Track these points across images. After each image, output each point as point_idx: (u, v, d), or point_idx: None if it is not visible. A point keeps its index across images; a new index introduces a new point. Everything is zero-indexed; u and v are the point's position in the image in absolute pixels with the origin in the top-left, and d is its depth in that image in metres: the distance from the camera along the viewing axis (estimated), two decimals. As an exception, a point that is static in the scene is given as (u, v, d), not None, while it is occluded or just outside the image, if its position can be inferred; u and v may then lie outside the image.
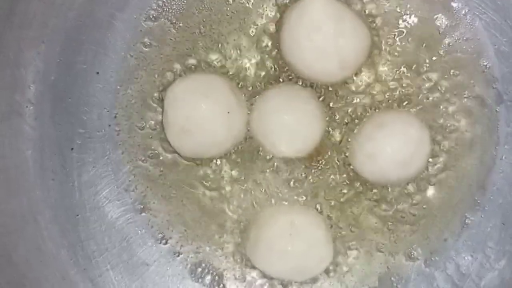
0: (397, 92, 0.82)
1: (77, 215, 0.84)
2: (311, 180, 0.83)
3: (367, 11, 0.82)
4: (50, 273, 0.81)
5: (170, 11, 0.83)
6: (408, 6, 0.82)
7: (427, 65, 0.82)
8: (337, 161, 0.83)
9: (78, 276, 0.83)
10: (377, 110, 0.82)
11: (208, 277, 0.86)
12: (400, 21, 0.82)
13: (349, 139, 0.82)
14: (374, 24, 0.82)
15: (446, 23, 0.82)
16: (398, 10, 0.82)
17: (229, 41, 0.83)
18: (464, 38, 0.82)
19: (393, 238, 0.84)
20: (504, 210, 0.83)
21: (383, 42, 0.82)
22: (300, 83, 0.82)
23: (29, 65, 0.80)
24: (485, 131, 0.83)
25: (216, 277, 0.85)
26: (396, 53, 0.82)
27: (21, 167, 0.81)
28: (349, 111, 0.82)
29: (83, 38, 0.82)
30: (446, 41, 0.82)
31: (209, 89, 0.80)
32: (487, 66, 0.82)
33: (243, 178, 0.84)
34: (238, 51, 0.83)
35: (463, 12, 0.82)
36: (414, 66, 0.82)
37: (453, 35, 0.82)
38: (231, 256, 0.85)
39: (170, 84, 0.82)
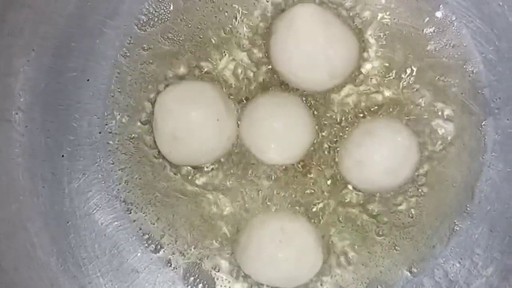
0: (386, 100, 0.83)
1: (68, 222, 0.84)
2: (301, 187, 0.84)
3: (355, 20, 0.83)
4: (39, 280, 0.81)
5: (160, 19, 0.84)
6: (396, 13, 0.83)
7: (415, 72, 0.83)
8: (326, 169, 0.83)
9: (68, 283, 0.83)
10: (365, 118, 0.83)
11: (200, 286, 0.85)
12: (388, 29, 0.83)
13: (338, 147, 0.82)
14: (362, 32, 0.83)
15: (433, 30, 0.82)
16: (386, 18, 0.83)
17: (218, 49, 0.83)
18: (451, 45, 0.83)
19: (382, 245, 0.84)
20: (491, 217, 0.83)
21: (371, 49, 0.83)
22: (290, 91, 0.82)
23: (19, 73, 0.80)
24: (472, 138, 0.83)
25: (207, 286, 0.85)
26: (384, 61, 0.83)
27: (11, 174, 0.81)
28: (338, 118, 0.83)
29: (73, 46, 0.82)
30: (433, 47, 0.83)
31: (199, 97, 0.80)
32: (474, 72, 0.83)
33: (233, 185, 0.84)
34: (228, 59, 0.83)
35: (450, 19, 0.82)
36: (402, 74, 0.83)
37: (440, 42, 0.83)
38: (223, 264, 0.85)
39: (160, 92, 0.83)
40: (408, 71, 0.83)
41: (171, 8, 0.84)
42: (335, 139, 0.83)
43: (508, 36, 0.81)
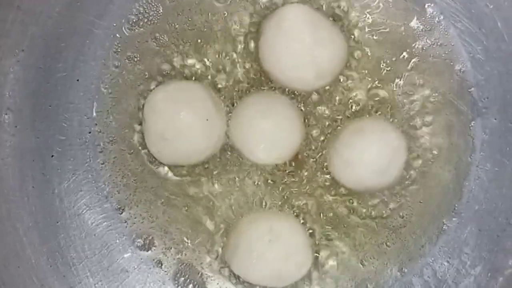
0: (374, 99, 0.83)
1: (57, 222, 0.84)
2: (290, 187, 0.84)
3: (343, 20, 0.83)
4: (29, 280, 0.81)
5: (150, 19, 0.84)
6: (384, 13, 0.83)
7: (403, 72, 0.83)
8: (315, 168, 0.83)
9: (58, 283, 0.83)
10: (354, 118, 0.83)
11: (190, 286, 0.86)
12: (376, 28, 0.83)
13: (327, 146, 0.83)
14: (350, 33, 0.83)
15: (421, 29, 0.83)
16: (375, 17, 0.83)
17: (208, 49, 0.83)
18: (439, 44, 0.83)
19: (371, 244, 0.84)
20: (480, 216, 0.83)
21: (360, 49, 0.83)
22: (279, 91, 0.83)
23: (8, 73, 0.80)
24: (460, 138, 0.83)
25: (197, 286, 0.85)
26: (372, 61, 0.83)
27: (1, 174, 0.81)
28: (327, 118, 0.83)
29: (62, 46, 0.82)
30: (420, 46, 0.83)
31: (188, 97, 0.80)
32: (462, 72, 0.83)
33: (223, 185, 0.84)
34: (217, 59, 0.83)
35: (438, 19, 0.82)
36: (390, 73, 0.83)
37: (427, 41, 0.83)
38: (213, 264, 0.85)
39: (150, 92, 0.83)
40: (396, 70, 0.83)
41: (161, 8, 0.84)
42: (324, 139, 0.83)
43: (496, 36, 0.81)
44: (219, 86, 0.83)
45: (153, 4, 0.83)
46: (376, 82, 0.83)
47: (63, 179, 0.84)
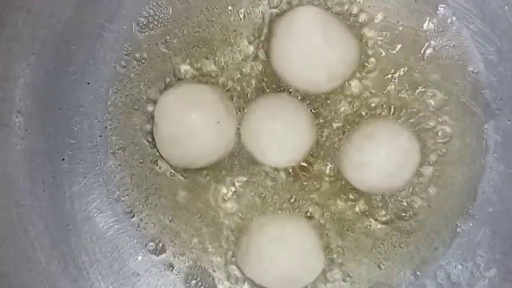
0: (386, 101, 0.82)
1: (68, 226, 0.84)
2: (302, 189, 0.83)
3: (355, 22, 0.82)
4: (40, 283, 0.81)
5: (160, 22, 0.84)
6: (396, 15, 0.82)
7: (416, 73, 0.82)
8: (327, 171, 0.83)
9: (69, 286, 0.83)
10: (366, 120, 0.82)
11: (201, 288, 0.86)
12: (388, 30, 0.82)
13: (339, 148, 0.82)
14: (363, 34, 0.82)
15: (433, 30, 0.82)
16: (386, 20, 0.82)
17: (219, 51, 0.83)
18: (451, 45, 0.82)
19: (384, 247, 0.84)
20: (494, 218, 0.82)
21: (372, 51, 0.82)
22: (290, 93, 0.82)
23: (18, 77, 0.80)
24: (474, 139, 0.83)
25: (208, 288, 0.86)
26: (384, 62, 0.82)
27: (11, 178, 0.80)
28: (338, 120, 0.82)
29: (72, 49, 0.82)
30: (433, 48, 0.82)
31: (198, 99, 0.80)
32: (475, 73, 0.82)
33: (234, 188, 0.84)
34: (228, 61, 0.83)
35: (450, 20, 0.82)
36: (402, 75, 0.82)
37: (440, 42, 0.82)
38: (224, 267, 0.85)
39: (160, 94, 0.82)
40: (409, 72, 0.82)
41: (171, 11, 0.83)
42: (335, 141, 0.82)
43: (510, 37, 0.80)
44: (230, 88, 0.83)
45: (163, 6, 0.83)
46: (388, 83, 0.82)
47: (73, 183, 0.84)
